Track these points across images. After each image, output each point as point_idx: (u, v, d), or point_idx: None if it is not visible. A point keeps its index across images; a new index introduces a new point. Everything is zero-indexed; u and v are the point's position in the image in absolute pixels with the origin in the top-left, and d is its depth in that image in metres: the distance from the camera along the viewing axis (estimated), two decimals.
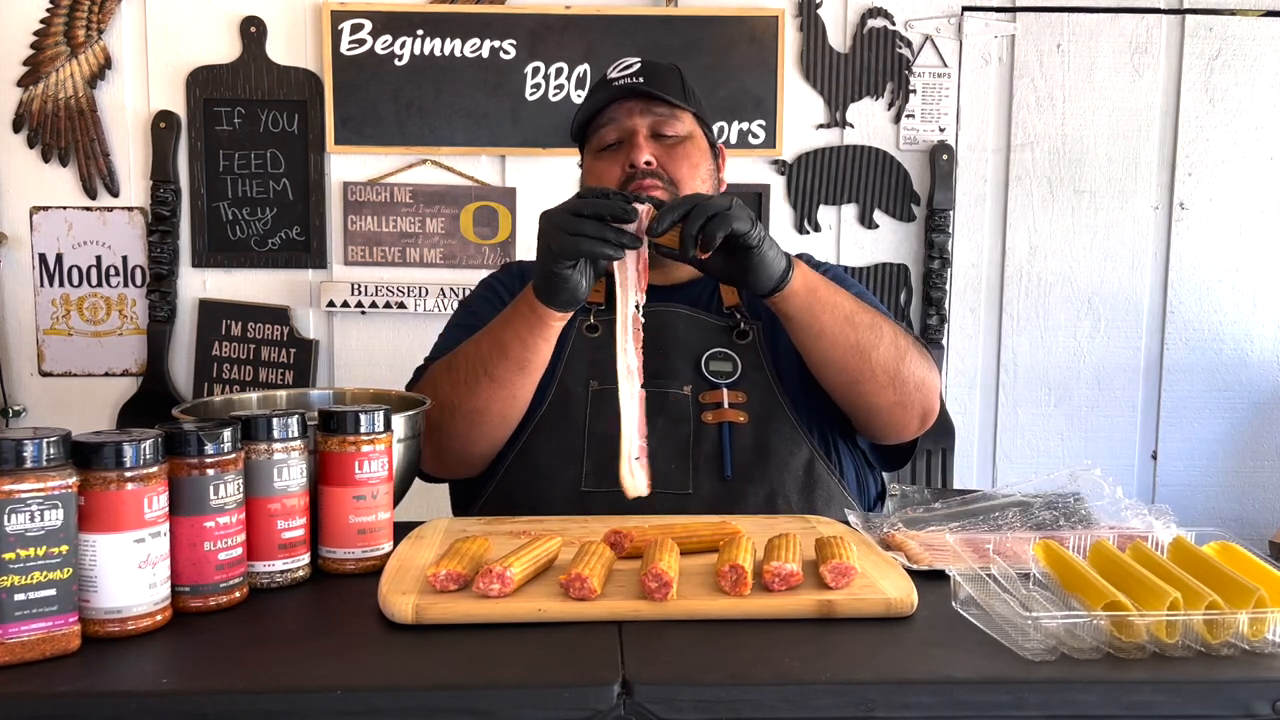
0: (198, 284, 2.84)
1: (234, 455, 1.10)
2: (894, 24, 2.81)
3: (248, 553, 1.13)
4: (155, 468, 1.02)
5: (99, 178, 2.78)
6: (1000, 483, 2.87)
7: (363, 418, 1.21)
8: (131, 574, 1.01)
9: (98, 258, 2.80)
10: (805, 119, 2.83)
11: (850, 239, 2.87)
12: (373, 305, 2.80)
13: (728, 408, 1.60)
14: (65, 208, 2.78)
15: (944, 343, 2.87)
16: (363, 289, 2.79)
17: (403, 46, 2.76)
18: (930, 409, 1.61)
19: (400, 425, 1.34)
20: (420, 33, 2.76)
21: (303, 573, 1.19)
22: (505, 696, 0.91)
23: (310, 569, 1.20)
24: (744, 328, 1.65)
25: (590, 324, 1.65)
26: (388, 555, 1.23)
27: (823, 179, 2.83)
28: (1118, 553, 1.11)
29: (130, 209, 2.79)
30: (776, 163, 2.83)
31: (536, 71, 2.77)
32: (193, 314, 2.83)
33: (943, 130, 2.83)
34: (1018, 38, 2.81)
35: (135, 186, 2.80)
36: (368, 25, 2.75)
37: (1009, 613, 1.02)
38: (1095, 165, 2.84)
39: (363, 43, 2.75)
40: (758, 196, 2.83)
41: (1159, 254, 2.88)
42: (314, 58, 2.78)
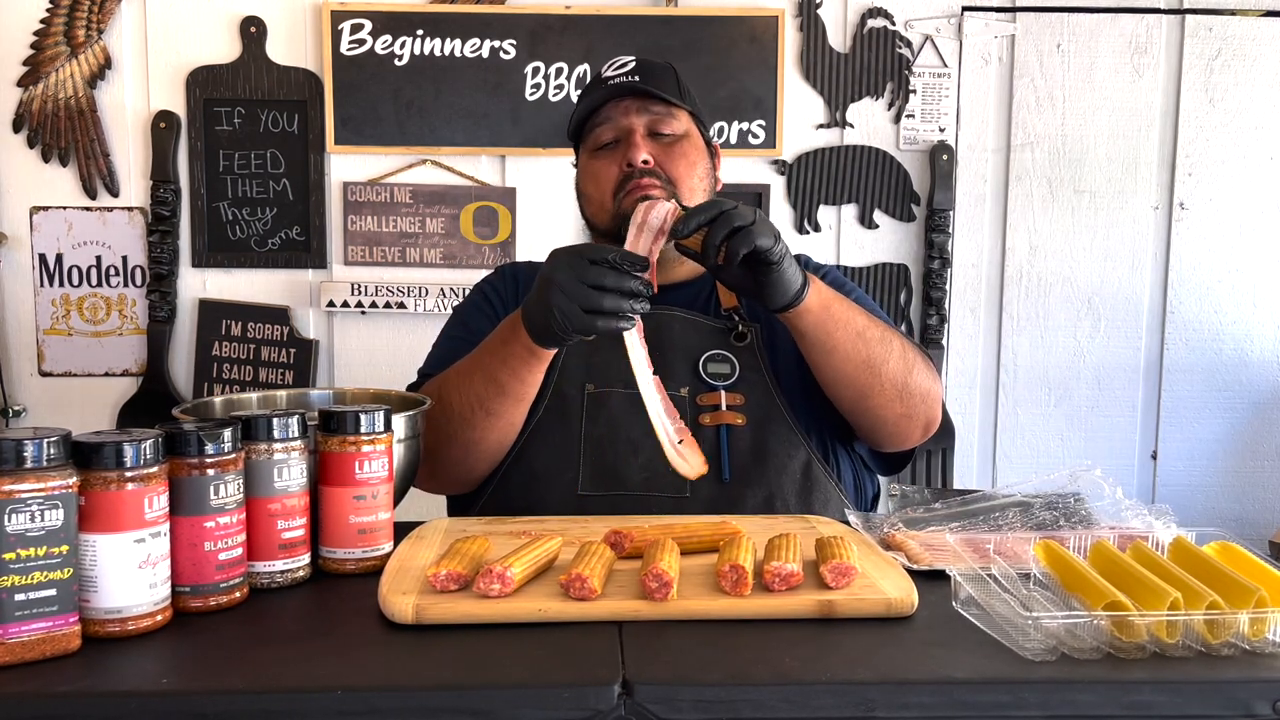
0: (198, 284, 2.84)
1: (234, 455, 1.10)
2: (894, 24, 2.81)
3: (248, 553, 1.13)
4: (155, 468, 1.02)
5: (99, 178, 2.78)
6: (1000, 483, 2.87)
7: (363, 418, 1.21)
8: (132, 574, 1.01)
9: (98, 258, 2.80)
10: (805, 119, 2.83)
11: (850, 239, 2.87)
12: (373, 305, 2.80)
13: (725, 410, 1.59)
14: (65, 208, 2.78)
15: (944, 343, 2.87)
16: (363, 289, 2.79)
17: (403, 46, 2.76)
18: (934, 419, 1.61)
19: (400, 425, 1.34)
20: (420, 33, 2.76)
21: (303, 573, 1.19)
22: (505, 696, 0.91)
23: (310, 569, 1.20)
24: (742, 329, 1.64)
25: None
26: (388, 555, 1.23)
27: (823, 179, 2.83)
28: (1118, 553, 1.11)
29: (130, 209, 2.79)
30: (776, 163, 2.83)
31: (536, 71, 2.77)
32: (193, 314, 2.83)
33: (943, 130, 2.83)
34: (1018, 38, 2.81)
35: (135, 186, 2.80)
36: (368, 25, 2.75)
37: (1009, 613, 1.02)
38: (1095, 165, 2.84)
39: (363, 43, 2.75)
40: (758, 196, 2.83)
41: (1159, 254, 2.88)
42: (314, 58, 2.78)
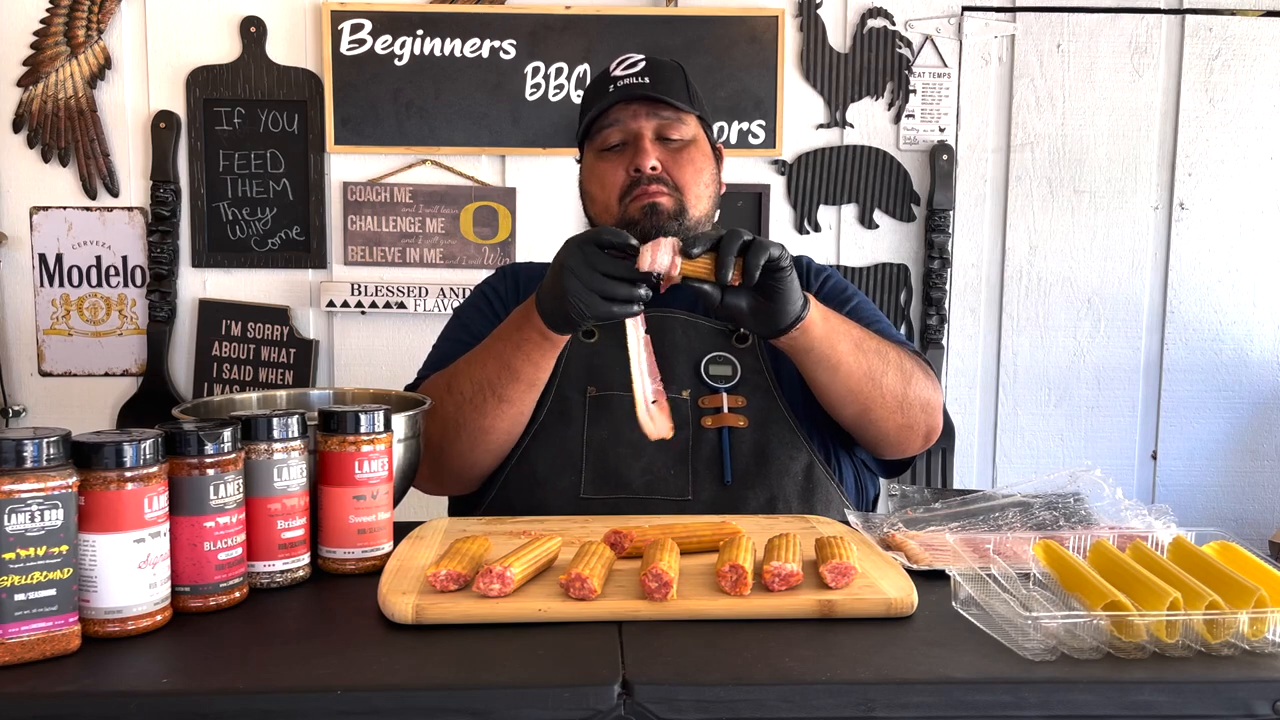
0: (198, 284, 2.84)
1: (234, 455, 1.10)
2: (894, 24, 2.81)
3: (248, 553, 1.13)
4: (155, 468, 1.02)
5: (99, 178, 2.78)
6: (1000, 483, 2.87)
7: (363, 418, 1.21)
8: (131, 574, 1.01)
9: (98, 258, 2.80)
10: (805, 119, 2.83)
11: (850, 239, 2.87)
12: (373, 305, 2.80)
13: (727, 412, 1.59)
14: (65, 208, 2.78)
15: (944, 343, 2.87)
16: (363, 289, 2.79)
17: (403, 46, 2.76)
18: (934, 428, 1.61)
19: (400, 425, 1.34)
20: (420, 33, 2.76)
21: (303, 573, 1.19)
22: (505, 696, 0.91)
23: (310, 569, 1.20)
24: (743, 332, 1.64)
25: (587, 330, 1.64)
26: (388, 555, 1.23)
27: (823, 179, 2.83)
28: (1118, 553, 1.11)
29: (130, 209, 2.79)
30: (776, 163, 2.83)
31: (536, 71, 2.77)
32: (193, 314, 2.83)
33: (943, 130, 2.83)
34: (1018, 38, 2.81)
35: (135, 186, 2.80)
36: (368, 25, 2.75)
37: (1009, 613, 1.02)
38: (1095, 165, 2.84)
39: (363, 43, 2.75)
40: (758, 196, 2.83)
41: (1159, 254, 2.88)
42: (314, 58, 2.78)
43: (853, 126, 2.83)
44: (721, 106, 2.76)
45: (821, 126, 2.84)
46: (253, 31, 2.76)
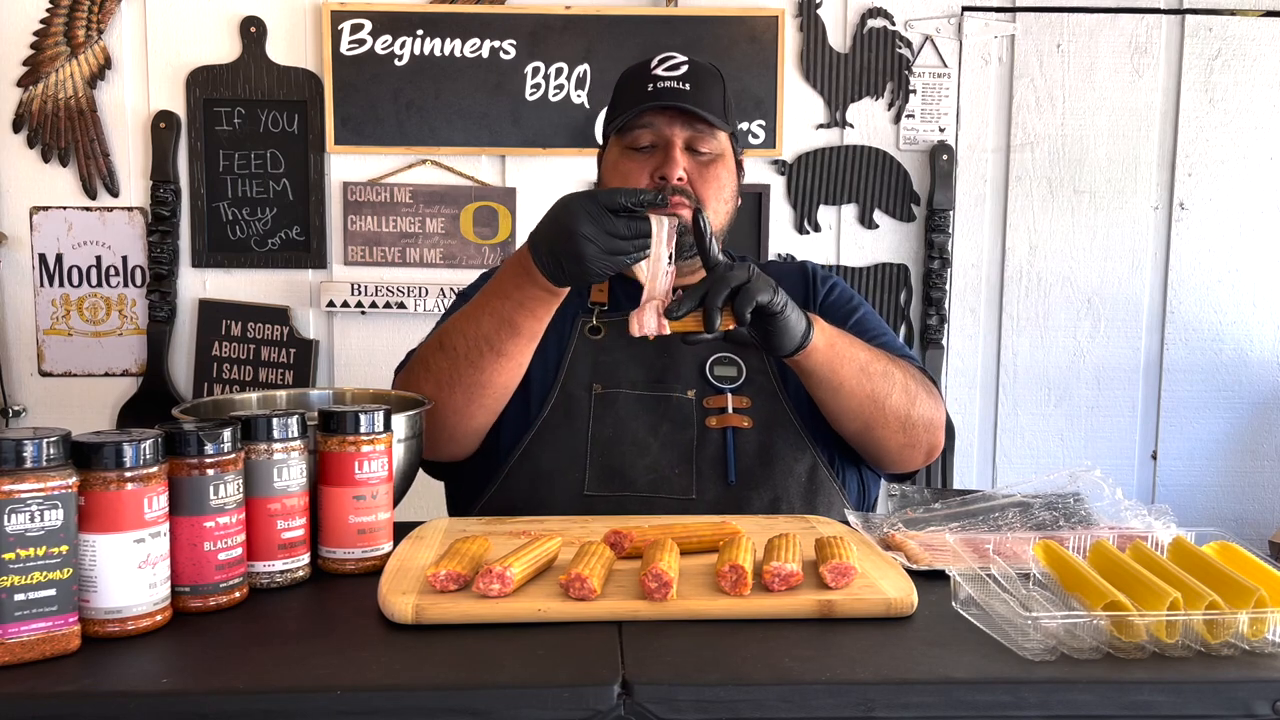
0: (198, 284, 2.84)
1: (234, 455, 1.10)
2: (894, 24, 2.81)
3: (248, 553, 1.13)
4: (155, 468, 1.02)
5: (99, 178, 2.78)
6: (1000, 483, 2.87)
7: (363, 418, 1.21)
8: (131, 574, 1.01)
9: (98, 258, 2.80)
10: (805, 119, 2.83)
11: (850, 239, 2.87)
12: (373, 305, 2.80)
13: (732, 413, 1.60)
14: (65, 208, 2.78)
15: (944, 343, 2.87)
16: (363, 289, 2.79)
17: (403, 46, 2.76)
18: (936, 446, 1.63)
19: (400, 425, 1.34)
20: (420, 33, 2.76)
21: (303, 573, 1.19)
22: (505, 696, 0.91)
23: (310, 569, 1.20)
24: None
25: (593, 326, 1.64)
26: (388, 555, 1.23)
27: (823, 179, 2.83)
28: (1118, 553, 1.11)
29: (130, 209, 2.79)
30: (776, 163, 2.83)
31: (536, 71, 2.77)
32: (193, 314, 2.83)
33: (943, 130, 2.83)
34: (1018, 38, 2.81)
35: (135, 186, 2.80)
36: (368, 25, 2.75)
37: (1009, 613, 1.02)
38: (1095, 165, 2.84)
39: (363, 43, 2.75)
40: (758, 197, 2.83)
41: (1159, 254, 2.88)
42: (314, 58, 2.78)
43: (853, 126, 2.83)
44: None
45: (821, 126, 2.84)
46: (253, 31, 2.76)
